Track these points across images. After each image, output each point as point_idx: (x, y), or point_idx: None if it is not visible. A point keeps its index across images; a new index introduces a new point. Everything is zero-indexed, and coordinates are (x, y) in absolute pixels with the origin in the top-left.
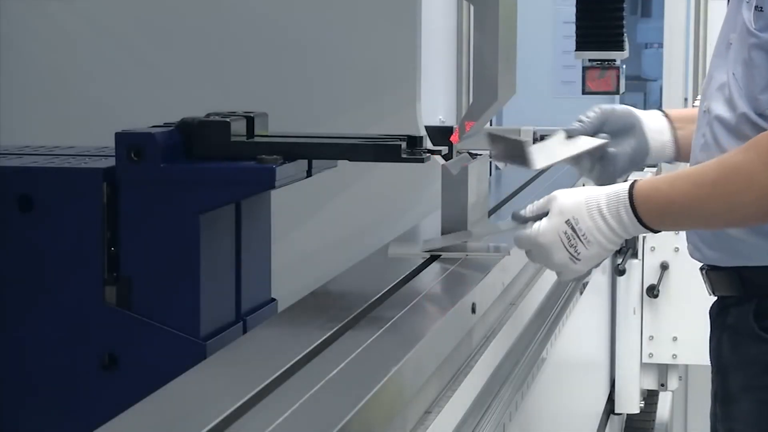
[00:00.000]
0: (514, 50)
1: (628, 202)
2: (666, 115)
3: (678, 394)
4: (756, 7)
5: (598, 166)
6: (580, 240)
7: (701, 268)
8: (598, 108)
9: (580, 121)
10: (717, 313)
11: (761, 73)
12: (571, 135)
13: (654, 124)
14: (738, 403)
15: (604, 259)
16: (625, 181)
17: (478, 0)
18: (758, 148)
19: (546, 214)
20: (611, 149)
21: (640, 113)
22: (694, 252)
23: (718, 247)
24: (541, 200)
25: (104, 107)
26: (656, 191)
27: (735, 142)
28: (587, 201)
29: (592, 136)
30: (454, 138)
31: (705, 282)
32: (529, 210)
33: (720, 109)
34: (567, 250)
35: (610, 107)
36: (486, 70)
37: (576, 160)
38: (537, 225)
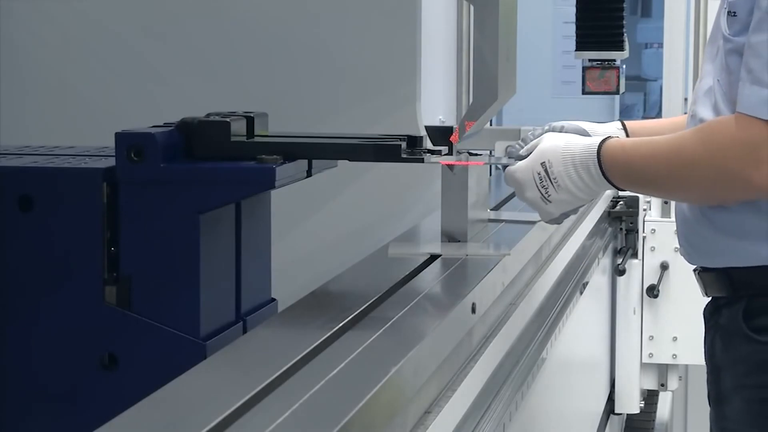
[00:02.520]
0: (514, 50)
1: (596, 156)
2: (624, 127)
3: (678, 394)
4: (729, 12)
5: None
6: (551, 183)
7: (694, 270)
8: (546, 125)
9: (523, 140)
10: (710, 314)
11: (737, 77)
12: (511, 156)
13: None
14: (730, 403)
15: (577, 207)
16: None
17: (478, 0)
18: (704, 135)
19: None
20: None
21: (592, 128)
22: (684, 254)
23: (704, 249)
24: (535, 140)
25: (104, 107)
26: (621, 151)
27: None
28: (564, 147)
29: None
30: (453, 138)
31: (698, 283)
32: (525, 149)
33: (705, 113)
34: (538, 189)
35: (559, 125)
36: (486, 70)
37: None
38: (519, 162)
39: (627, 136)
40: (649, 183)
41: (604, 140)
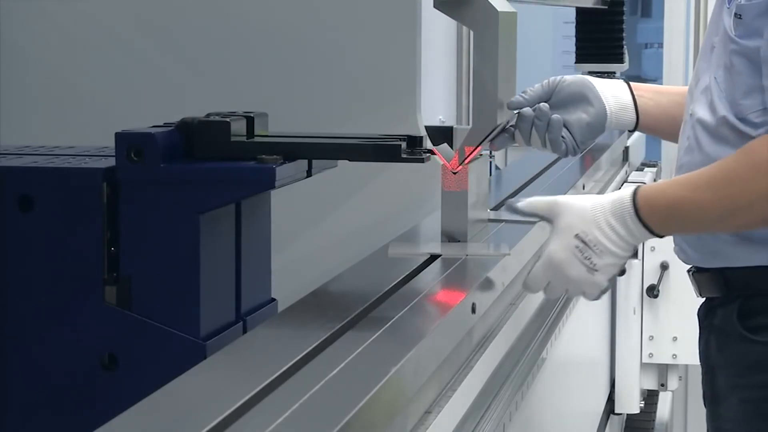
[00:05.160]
0: (513, 74)
1: (632, 208)
2: (627, 83)
3: (678, 394)
4: (735, 14)
5: (549, 138)
6: (593, 251)
7: (688, 270)
8: (546, 80)
9: (524, 92)
10: (704, 315)
11: (742, 78)
12: (512, 107)
13: (611, 89)
14: (725, 403)
15: (621, 266)
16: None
17: (477, 26)
18: (751, 154)
19: (544, 217)
20: (555, 116)
21: (595, 80)
22: (680, 253)
23: (700, 249)
24: (542, 202)
25: (104, 107)
26: (659, 195)
27: (715, 145)
28: (593, 210)
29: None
30: (453, 164)
31: (692, 284)
32: (527, 206)
33: (702, 112)
34: (583, 263)
35: (561, 77)
36: (485, 95)
37: (516, 139)
38: (546, 250)
39: (632, 94)
40: (696, 220)
41: (635, 190)
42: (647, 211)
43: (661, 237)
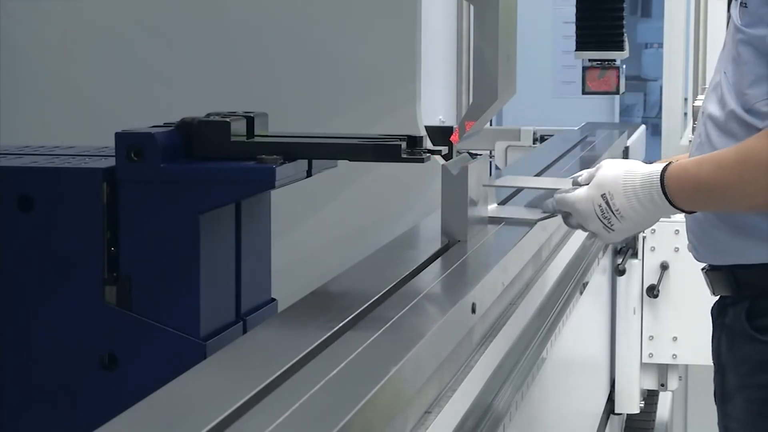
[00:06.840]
0: (514, 50)
1: (659, 184)
2: None
3: (678, 394)
4: (741, 3)
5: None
6: (614, 214)
7: (702, 269)
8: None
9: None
10: (717, 313)
11: (749, 68)
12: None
13: None
14: (732, 402)
15: (641, 231)
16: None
17: (478, 0)
18: None
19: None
20: None
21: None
22: (692, 249)
23: (708, 245)
24: (594, 168)
25: (104, 107)
26: (685, 173)
27: (724, 140)
28: (625, 178)
29: None
30: (454, 138)
31: (706, 282)
32: (584, 177)
33: (712, 107)
34: (601, 220)
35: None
36: (486, 70)
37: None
38: (578, 191)
39: None
40: (720, 196)
41: (665, 167)
42: (675, 188)
43: (688, 212)
